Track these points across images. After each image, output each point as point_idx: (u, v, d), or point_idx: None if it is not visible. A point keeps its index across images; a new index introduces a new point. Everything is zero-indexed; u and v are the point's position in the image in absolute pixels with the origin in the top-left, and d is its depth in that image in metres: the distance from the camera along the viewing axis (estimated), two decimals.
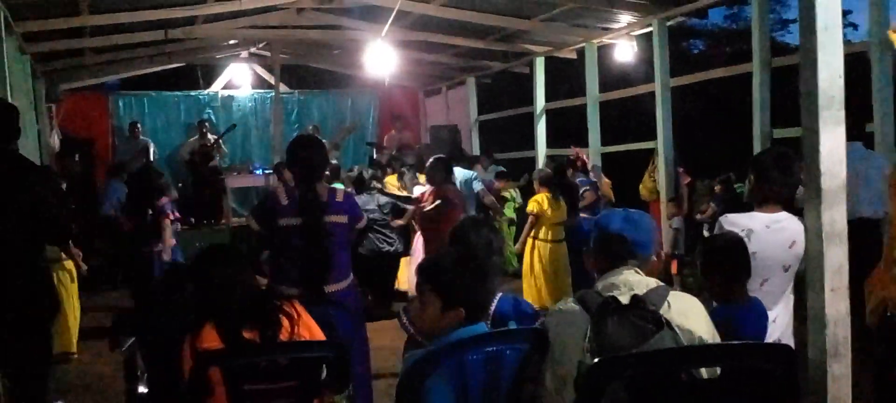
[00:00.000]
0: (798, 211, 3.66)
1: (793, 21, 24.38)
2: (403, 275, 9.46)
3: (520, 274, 9.10)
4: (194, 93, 14.79)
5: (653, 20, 9.10)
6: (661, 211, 9.59)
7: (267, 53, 13.11)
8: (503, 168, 12.28)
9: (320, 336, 3.34)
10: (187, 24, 10.06)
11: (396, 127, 14.29)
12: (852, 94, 3.57)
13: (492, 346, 2.57)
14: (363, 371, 4.63)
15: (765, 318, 3.24)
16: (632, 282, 2.54)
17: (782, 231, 3.54)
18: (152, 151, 13.15)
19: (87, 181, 12.05)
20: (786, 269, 3.54)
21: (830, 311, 3.45)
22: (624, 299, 2.41)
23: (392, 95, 15.26)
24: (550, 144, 12.04)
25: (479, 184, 9.67)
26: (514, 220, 11.23)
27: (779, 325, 3.53)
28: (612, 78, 12.41)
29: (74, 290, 7.25)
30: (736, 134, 9.19)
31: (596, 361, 2.15)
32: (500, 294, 3.17)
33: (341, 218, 4.51)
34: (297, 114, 15.10)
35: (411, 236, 9.34)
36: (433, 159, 8.08)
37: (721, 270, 3.29)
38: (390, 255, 9.03)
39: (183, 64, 13.88)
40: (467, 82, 14.20)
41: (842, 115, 3.43)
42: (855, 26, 22.55)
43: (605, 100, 11.06)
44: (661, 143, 9.24)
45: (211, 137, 13.14)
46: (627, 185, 11.60)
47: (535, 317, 3.17)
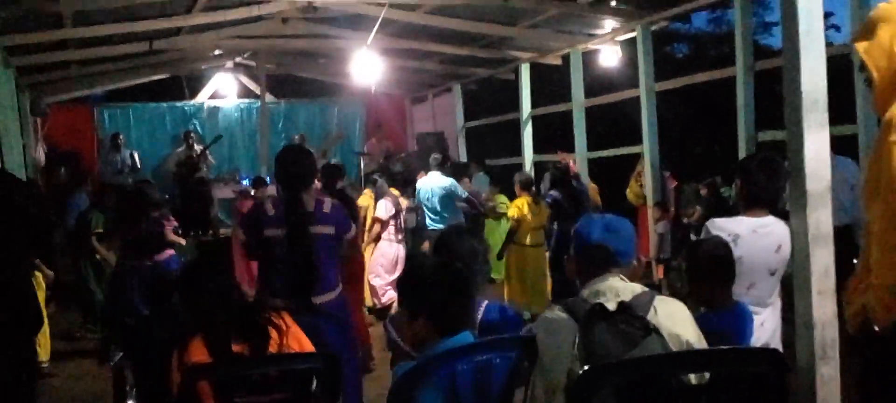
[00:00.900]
0: (784, 214, 3.68)
1: (776, 24, 24.50)
2: None
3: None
4: (180, 103, 14.75)
5: (637, 26, 9.15)
6: (648, 215, 9.63)
7: (252, 63, 13.09)
8: (487, 175, 12.29)
9: (309, 347, 3.32)
10: (172, 35, 10.03)
11: (378, 135, 14.30)
12: (829, 97, 3.59)
13: (481, 355, 2.56)
14: (354, 381, 4.62)
15: (751, 323, 3.25)
16: (618, 289, 2.54)
17: (769, 235, 3.55)
18: (137, 160, 13.08)
19: (73, 193, 11.96)
20: (772, 273, 3.55)
21: (818, 314, 3.48)
22: (610, 306, 2.41)
23: (378, 103, 15.25)
24: (537, 150, 12.07)
25: (461, 190, 9.55)
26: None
27: (766, 329, 3.54)
28: (598, 83, 12.46)
29: (42, 299, 7.19)
30: (721, 137, 9.25)
31: (586, 368, 2.15)
32: (487, 302, 3.16)
33: (328, 229, 4.49)
34: (284, 123, 15.07)
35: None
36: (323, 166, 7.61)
37: (707, 275, 3.30)
38: None
39: (168, 75, 13.84)
40: (453, 89, 14.22)
41: (826, 118, 3.46)
42: (837, 28, 22.67)
43: (591, 105, 11.10)
44: (647, 148, 9.29)
45: (197, 148, 13.10)
46: (614, 190, 11.64)
47: (522, 324, 3.16)
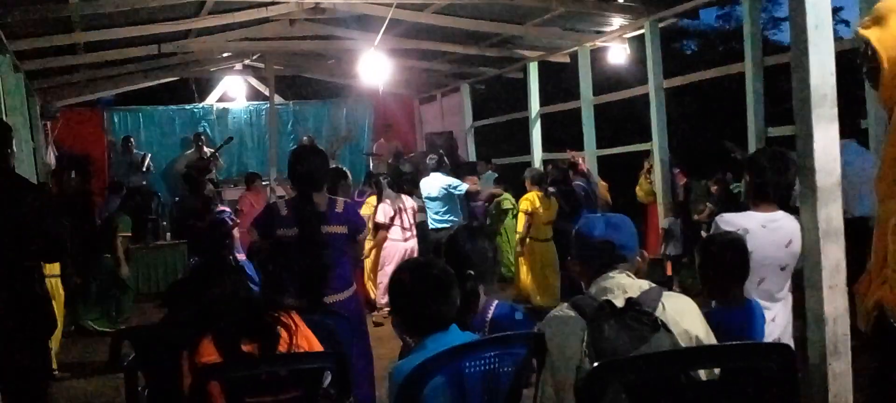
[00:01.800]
0: (794, 209, 3.66)
1: (784, 19, 24.35)
2: None
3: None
4: (189, 106, 14.80)
5: (645, 22, 9.13)
6: (658, 212, 9.61)
7: (261, 65, 13.12)
8: (497, 174, 12.29)
9: (318, 346, 3.33)
10: (180, 38, 10.08)
11: (387, 135, 14.31)
12: (846, 92, 3.58)
13: (489, 352, 2.57)
14: (366, 380, 4.63)
15: (762, 319, 3.24)
16: (625, 285, 2.53)
17: (778, 230, 3.54)
18: (148, 164, 13.14)
19: (84, 196, 12.02)
20: (783, 268, 3.54)
21: (829, 309, 3.46)
22: (618, 302, 2.41)
23: (387, 104, 15.27)
24: (546, 148, 12.06)
25: (461, 187, 9.54)
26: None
27: (778, 324, 3.53)
28: (606, 80, 12.44)
29: (60, 303, 7.25)
30: (731, 133, 9.21)
31: (595, 365, 2.15)
32: (497, 301, 3.17)
33: (340, 228, 4.51)
34: (293, 124, 15.10)
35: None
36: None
37: (718, 271, 3.29)
38: None
39: (177, 78, 13.90)
40: (462, 89, 14.22)
41: (835, 113, 3.44)
42: (846, 23, 22.50)
43: (599, 103, 11.07)
44: (656, 145, 9.26)
45: (207, 150, 13.14)
46: (623, 188, 11.62)
47: (531, 323, 3.17)
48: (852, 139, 5.95)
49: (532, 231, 8.76)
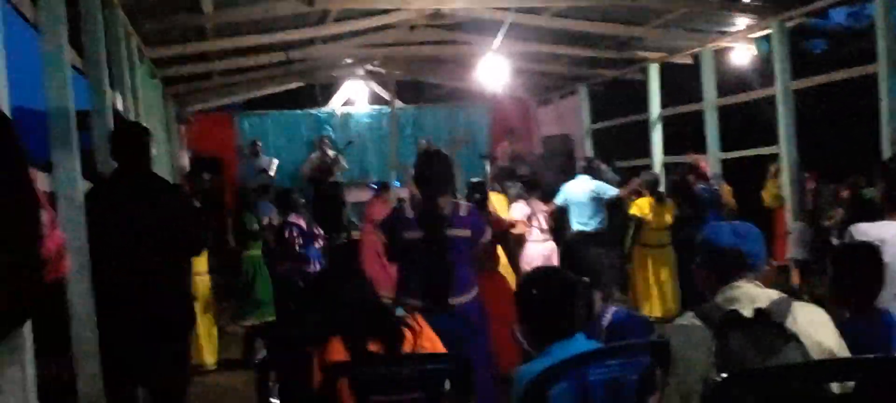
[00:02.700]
0: None
1: None
2: None
3: None
4: (314, 111, 15.26)
5: (772, 22, 8.83)
6: (786, 217, 9.29)
7: (382, 70, 13.40)
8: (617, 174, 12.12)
9: (441, 348, 3.41)
10: (307, 46, 10.42)
11: (510, 139, 14.31)
12: None
13: (614, 360, 2.58)
14: (487, 383, 4.68)
15: None
16: (753, 295, 2.49)
17: None
18: (274, 167, 13.63)
19: (217, 197, 12.59)
20: None
21: None
22: (746, 312, 2.38)
23: (504, 107, 15.29)
24: (667, 151, 11.82)
25: (611, 191, 9.35)
26: None
27: None
28: (730, 81, 12.09)
29: (209, 302, 7.59)
30: (863, 136, 8.79)
31: (725, 376, 2.13)
32: (614, 307, 3.18)
33: (464, 232, 4.59)
34: (412, 128, 15.35)
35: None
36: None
37: (852, 281, 3.19)
38: None
39: (302, 83, 14.35)
40: (579, 91, 14.09)
41: None
42: None
43: (723, 104, 10.78)
44: (784, 148, 8.94)
45: (331, 153, 13.53)
46: (748, 192, 11.27)
47: (651, 329, 3.16)
48: None
49: (643, 237, 8.62)
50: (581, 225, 9.08)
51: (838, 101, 17.14)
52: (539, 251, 8.61)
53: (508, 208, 8.84)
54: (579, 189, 9.21)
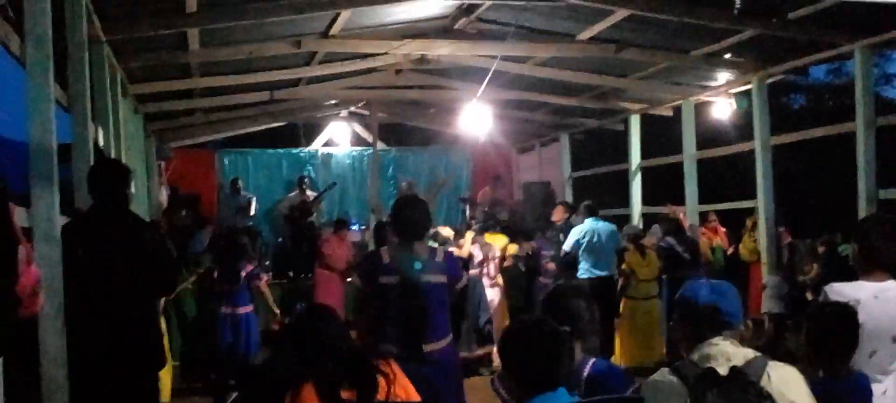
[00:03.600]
0: None
1: None
2: None
3: None
4: (295, 150, 15.28)
5: (752, 78, 8.96)
6: (762, 272, 9.34)
7: (366, 112, 13.45)
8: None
9: (415, 396, 3.37)
10: (291, 86, 10.45)
11: (492, 185, 14.36)
12: None
13: None
14: None
15: (870, 392, 3.13)
16: (729, 353, 2.50)
17: (892, 300, 3.40)
18: (254, 206, 13.58)
19: (194, 234, 12.49)
20: (895, 340, 3.41)
21: None
22: (722, 370, 2.38)
23: (485, 152, 15.36)
24: (646, 202, 11.90)
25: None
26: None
27: (889, 398, 3.39)
28: (709, 133, 12.23)
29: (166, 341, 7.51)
30: (839, 192, 8.89)
31: None
32: (593, 359, 3.17)
33: (440, 277, 4.56)
34: (394, 170, 15.38)
35: None
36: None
37: (827, 341, 3.20)
38: None
39: (285, 122, 14.36)
40: (560, 139, 14.21)
41: None
42: None
43: (703, 157, 10.88)
44: (762, 202, 9.02)
45: (310, 194, 13.50)
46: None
47: (630, 382, 3.15)
48: None
49: (630, 290, 8.66)
50: (599, 271, 8.90)
51: (817, 156, 17.37)
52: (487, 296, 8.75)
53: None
54: (605, 232, 9.06)
